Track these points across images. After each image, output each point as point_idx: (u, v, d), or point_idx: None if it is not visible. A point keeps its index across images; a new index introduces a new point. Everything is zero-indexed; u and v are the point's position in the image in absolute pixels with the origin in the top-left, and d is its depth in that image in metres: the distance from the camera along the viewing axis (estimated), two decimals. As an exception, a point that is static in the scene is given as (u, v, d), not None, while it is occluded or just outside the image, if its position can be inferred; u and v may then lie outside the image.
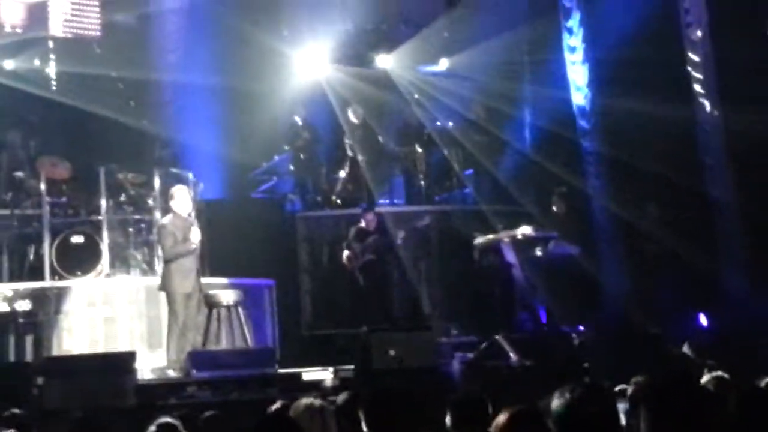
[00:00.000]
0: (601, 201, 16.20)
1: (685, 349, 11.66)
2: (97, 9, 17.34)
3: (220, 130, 16.92)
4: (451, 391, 8.17)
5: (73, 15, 17.17)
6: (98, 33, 17.39)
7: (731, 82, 15.20)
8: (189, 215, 13.03)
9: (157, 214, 14.46)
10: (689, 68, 15.82)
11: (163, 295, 13.25)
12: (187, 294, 12.77)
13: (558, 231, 15.20)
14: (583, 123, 16.59)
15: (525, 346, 12.90)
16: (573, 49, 16.78)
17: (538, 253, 14.72)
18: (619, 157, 15.94)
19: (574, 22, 16.70)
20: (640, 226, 15.78)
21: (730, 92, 15.25)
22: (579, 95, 16.69)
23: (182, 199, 13.03)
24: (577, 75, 16.72)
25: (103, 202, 14.67)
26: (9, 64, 16.70)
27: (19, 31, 16.84)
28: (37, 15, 16.93)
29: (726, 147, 15.55)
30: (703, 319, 14.38)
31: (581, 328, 13.88)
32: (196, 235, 12.84)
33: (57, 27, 17.05)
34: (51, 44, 17.14)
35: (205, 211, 14.81)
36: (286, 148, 17.23)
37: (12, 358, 13.06)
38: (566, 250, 15.06)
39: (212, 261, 14.57)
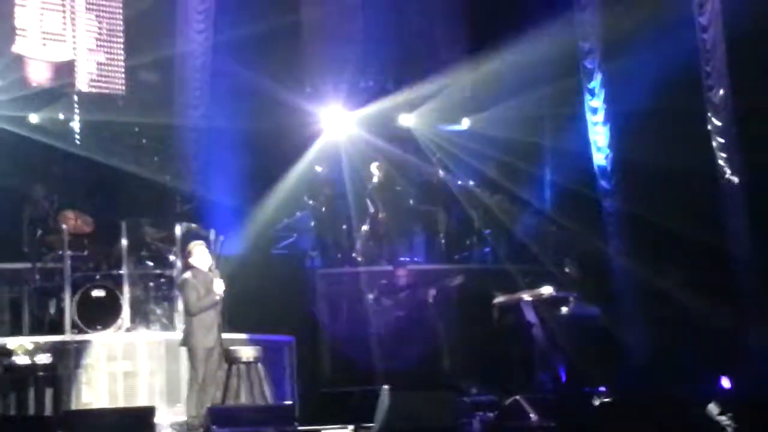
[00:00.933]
0: (622, 261, 16.18)
1: (708, 411, 11.58)
2: (122, 67, 17.55)
3: (241, 186, 17.01)
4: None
5: (99, 74, 17.40)
6: (122, 90, 17.59)
7: (753, 146, 15.20)
8: (209, 270, 13.06)
9: (178, 269, 14.49)
10: (710, 128, 15.83)
11: (183, 350, 13.24)
12: (210, 348, 12.76)
13: (577, 292, 15.18)
14: (604, 183, 16.63)
15: (545, 406, 12.83)
16: (594, 110, 16.86)
17: (559, 312, 14.69)
18: (640, 217, 15.94)
19: (595, 83, 16.79)
20: (661, 287, 15.73)
21: (752, 156, 15.25)
22: (600, 155, 16.75)
23: (201, 255, 13.08)
24: (599, 135, 16.79)
25: (125, 257, 14.73)
26: (34, 118, 16.86)
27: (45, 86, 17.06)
28: (64, 73, 17.14)
29: (747, 207, 15.53)
30: (726, 382, 14.28)
31: (602, 389, 13.81)
32: (219, 287, 12.86)
33: (83, 85, 17.29)
34: (75, 98, 17.30)
35: (226, 267, 14.81)
36: (310, 202, 17.28)
37: (32, 411, 13.05)
38: (586, 310, 15.02)
39: (232, 316, 14.58)
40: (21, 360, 13.19)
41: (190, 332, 12.75)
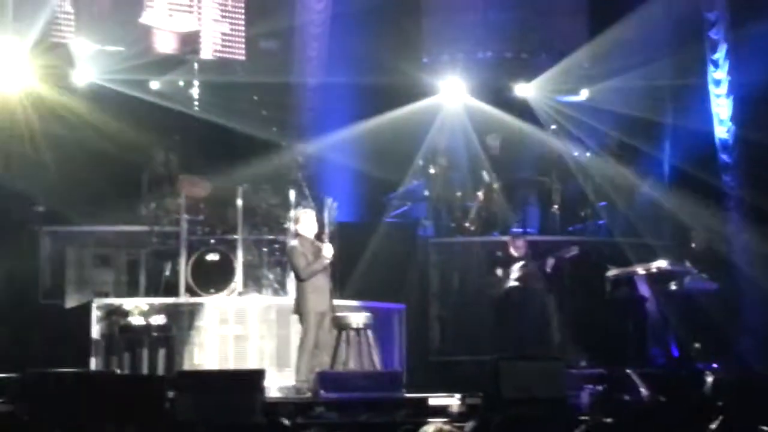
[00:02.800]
0: (742, 237, 15.82)
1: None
2: (243, 36, 17.74)
3: (357, 154, 17.08)
4: (579, 423, 8.04)
5: (223, 44, 17.63)
6: (243, 57, 17.79)
7: None
8: (315, 238, 13.11)
9: (291, 235, 14.57)
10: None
11: (293, 315, 13.34)
12: (322, 313, 12.87)
13: (696, 267, 14.90)
14: (725, 157, 16.26)
15: (656, 381, 12.65)
16: (718, 82, 16.48)
17: (674, 287, 14.43)
18: (762, 193, 15.58)
19: (720, 54, 16.40)
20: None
21: None
22: (722, 129, 16.37)
23: (308, 223, 13.17)
24: (721, 108, 16.41)
25: (240, 222, 14.87)
26: (155, 84, 17.11)
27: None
28: (189, 43, 17.39)
29: None
30: None
31: (715, 366, 13.54)
32: (328, 251, 12.95)
33: (206, 53, 17.54)
34: (195, 65, 17.52)
35: (339, 234, 14.89)
36: (431, 170, 17.24)
37: (145, 370, 13.30)
38: (703, 286, 14.74)
39: (343, 283, 14.65)
40: (136, 320, 13.44)
41: (303, 297, 12.85)
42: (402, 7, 18.10)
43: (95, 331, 13.60)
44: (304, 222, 13.18)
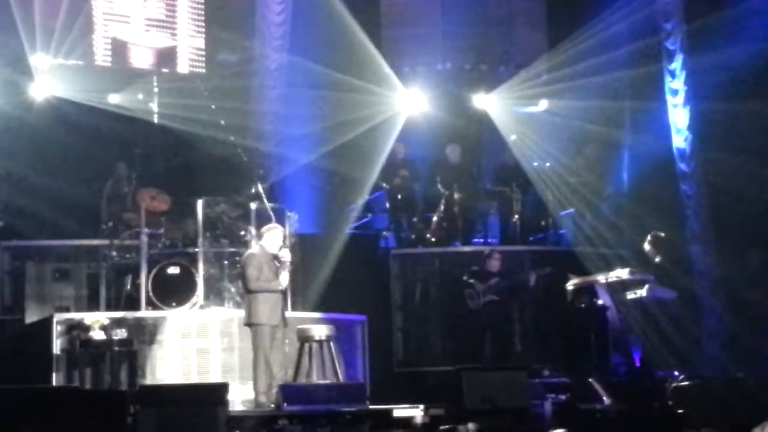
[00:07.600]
0: (700, 245, 15.98)
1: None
2: (203, 48, 17.78)
3: (317, 165, 17.09)
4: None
5: (198, 59, 17.66)
6: (203, 70, 17.79)
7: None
8: (275, 255, 13.06)
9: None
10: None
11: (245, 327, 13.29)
12: (275, 326, 12.80)
13: (655, 275, 15.00)
14: (682, 166, 16.42)
15: (619, 389, 12.72)
16: (675, 92, 16.66)
17: (634, 296, 14.54)
18: (720, 202, 15.74)
19: (676, 64, 16.57)
20: (740, 272, 15.51)
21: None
22: (679, 138, 16.54)
23: (273, 240, 13.09)
24: (678, 118, 16.58)
25: (200, 235, 14.82)
26: (114, 98, 17.06)
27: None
28: (165, 59, 17.40)
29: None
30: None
31: (676, 373, 13.65)
32: (287, 255, 12.91)
33: (183, 69, 17.57)
34: (155, 80, 17.48)
35: (300, 245, 14.88)
36: (384, 185, 17.29)
37: (107, 385, 13.21)
38: (662, 294, 14.84)
39: (305, 295, 14.62)
40: (97, 335, 13.32)
41: (256, 310, 12.78)
42: (362, 18, 18.14)
43: (56, 346, 13.46)
44: (268, 237, 13.12)
